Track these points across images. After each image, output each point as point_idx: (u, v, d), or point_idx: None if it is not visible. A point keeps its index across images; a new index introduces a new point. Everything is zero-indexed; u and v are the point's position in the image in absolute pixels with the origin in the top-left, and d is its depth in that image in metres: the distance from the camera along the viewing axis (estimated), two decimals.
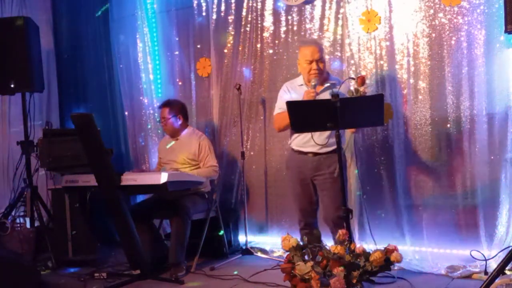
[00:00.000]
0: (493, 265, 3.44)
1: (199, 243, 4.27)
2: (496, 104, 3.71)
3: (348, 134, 3.88)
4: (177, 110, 4.50)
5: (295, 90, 3.76)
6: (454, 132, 3.87)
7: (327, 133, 3.57)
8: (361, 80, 3.43)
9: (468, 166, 3.81)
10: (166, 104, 4.51)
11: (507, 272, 3.05)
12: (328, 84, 3.68)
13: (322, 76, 3.66)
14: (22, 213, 4.59)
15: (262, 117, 4.71)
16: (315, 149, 3.63)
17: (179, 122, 4.52)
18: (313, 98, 3.46)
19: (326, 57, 4.33)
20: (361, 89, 3.41)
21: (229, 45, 4.83)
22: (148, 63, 5.21)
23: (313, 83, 3.54)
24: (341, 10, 4.27)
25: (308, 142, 3.63)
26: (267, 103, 4.67)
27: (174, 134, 4.54)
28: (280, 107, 3.76)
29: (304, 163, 3.69)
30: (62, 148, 4.48)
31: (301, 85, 3.74)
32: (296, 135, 3.71)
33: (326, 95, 3.58)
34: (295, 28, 4.51)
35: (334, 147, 3.55)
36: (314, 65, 3.60)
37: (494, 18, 3.68)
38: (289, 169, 3.86)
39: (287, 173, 3.93)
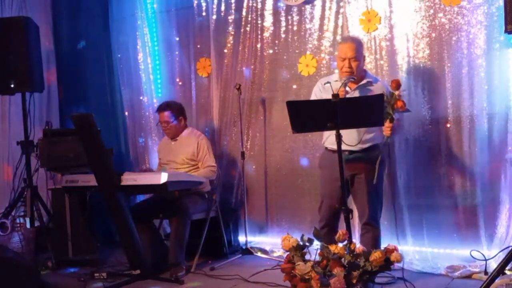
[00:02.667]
0: (493, 265, 3.44)
1: (199, 243, 4.27)
2: (496, 104, 3.72)
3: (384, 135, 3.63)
4: (177, 112, 4.49)
5: (324, 88, 3.60)
6: (454, 132, 3.87)
7: (355, 132, 3.46)
8: (396, 84, 3.33)
9: (468, 166, 3.81)
10: (165, 107, 4.48)
11: (507, 272, 3.06)
12: (363, 83, 3.56)
13: (356, 74, 3.51)
14: (22, 213, 4.58)
15: (262, 117, 4.71)
16: (349, 147, 3.46)
17: (181, 124, 4.52)
18: (343, 96, 3.31)
19: (326, 57, 4.34)
20: (396, 92, 3.32)
21: (229, 45, 4.83)
22: (148, 63, 5.21)
23: (343, 81, 3.40)
24: (341, 10, 4.27)
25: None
26: (267, 103, 4.67)
27: (176, 135, 4.54)
28: None
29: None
30: (62, 148, 4.48)
31: (336, 80, 3.58)
32: (328, 133, 3.57)
33: (357, 94, 3.52)
34: (295, 28, 4.51)
35: (370, 144, 3.51)
36: (346, 63, 3.49)
37: (494, 18, 3.69)
38: (323, 168, 3.72)
39: (321, 172, 3.78)
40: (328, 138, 3.61)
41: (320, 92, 3.65)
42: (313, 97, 3.71)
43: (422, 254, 3.92)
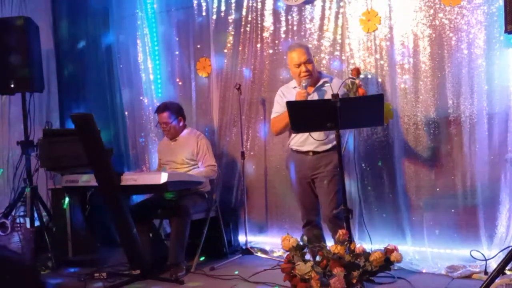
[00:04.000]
0: (493, 265, 3.44)
1: (199, 243, 4.27)
2: (496, 104, 3.71)
3: (347, 131, 3.89)
4: (176, 112, 4.49)
5: (289, 92, 3.80)
6: (454, 132, 3.87)
7: (322, 133, 3.60)
8: (356, 71, 3.44)
9: (468, 166, 3.81)
10: (164, 108, 4.48)
11: (507, 272, 3.05)
12: (320, 84, 3.72)
13: (313, 76, 3.69)
14: (22, 213, 4.59)
15: (262, 117, 4.71)
16: (313, 147, 3.66)
17: (180, 124, 4.52)
18: (305, 98, 3.52)
19: (326, 57, 4.34)
20: (357, 81, 3.41)
21: (229, 45, 4.83)
22: (148, 63, 5.21)
23: (303, 84, 3.60)
24: (341, 10, 4.27)
25: (306, 140, 3.67)
26: (267, 103, 4.67)
27: (176, 136, 4.54)
28: (276, 111, 3.83)
29: (303, 162, 3.72)
30: (62, 148, 4.48)
31: (295, 87, 3.79)
32: (294, 135, 3.74)
33: (316, 95, 3.67)
34: (295, 28, 4.51)
35: (332, 144, 3.62)
36: (302, 68, 3.65)
37: (494, 18, 3.69)
38: (289, 169, 3.87)
39: (287, 173, 3.94)
40: (293, 139, 3.77)
41: (282, 99, 3.79)
42: (275, 105, 3.87)
43: (422, 254, 3.92)
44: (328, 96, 3.48)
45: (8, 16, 5.07)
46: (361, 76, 3.58)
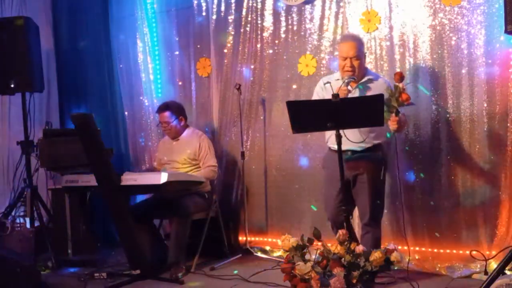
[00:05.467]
0: (493, 265, 3.44)
1: (199, 243, 4.27)
2: (496, 104, 3.72)
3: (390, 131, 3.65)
4: (177, 112, 4.49)
5: (332, 83, 3.58)
6: (454, 132, 3.87)
7: (358, 131, 3.45)
8: (399, 76, 3.30)
9: (468, 166, 3.81)
10: (165, 108, 4.48)
11: (507, 272, 3.05)
12: (364, 80, 3.56)
13: (357, 73, 3.51)
14: (22, 213, 4.58)
15: (262, 117, 4.70)
16: (352, 146, 3.47)
17: (181, 124, 4.52)
18: (345, 95, 3.33)
19: (326, 57, 4.33)
20: (400, 85, 3.29)
21: (229, 45, 4.83)
22: (148, 63, 5.21)
23: (345, 80, 3.41)
24: (341, 10, 4.27)
25: (345, 139, 3.38)
26: (267, 103, 4.67)
27: (176, 135, 4.54)
28: None
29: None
30: (62, 148, 4.48)
31: (338, 79, 3.59)
32: (330, 133, 3.53)
33: (357, 93, 3.51)
34: (295, 28, 4.51)
35: (373, 143, 3.51)
36: (348, 62, 3.48)
37: (494, 18, 3.69)
38: (326, 168, 3.72)
39: (324, 172, 3.79)
40: (330, 138, 3.60)
41: (322, 91, 3.65)
42: (315, 96, 3.71)
43: (422, 254, 3.92)
44: (370, 94, 3.41)
45: (8, 16, 5.07)
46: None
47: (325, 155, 3.79)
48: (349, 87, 3.40)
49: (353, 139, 3.36)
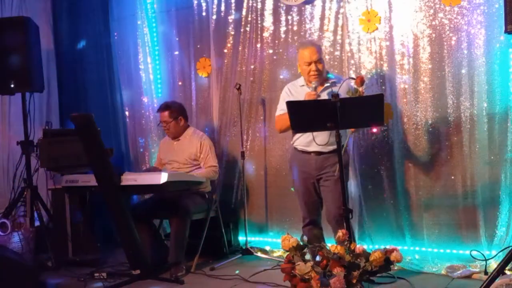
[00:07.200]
0: (493, 265, 3.43)
1: (199, 243, 4.27)
2: (496, 104, 3.72)
3: (348, 133, 3.87)
4: (177, 112, 4.49)
5: (297, 91, 3.77)
6: (454, 132, 3.87)
7: (328, 132, 3.57)
8: (360, 80, 3.44)
9: (468, 166, 3.81)
10: (165, 107, 4.49)
11: (507, 272, 3.05)
12: (328, 84, 3.70)
13: (322, 76, 3.68)
14: (22, 213, 4.59)
15: (262, 117, 4.71)
16: (318, 148, 3.64)
17: (181, 124, 4.52)
18: (315, 99, 3.49)
19: (326, 57, 4.33)
20: (360, 89, 3.43)
21: (229, 45, 4.83)
22: (148, 63, 5.21)
23: (313, 85, 3.59)
24: (341, 10, 4.27)
25: (312, 141, 3.64)
26: (267, 103, 4.67)
27: (176, 135, 4.54)
28: (281, 108, 3.77)
29: (308, 162, 3.70)
30: (62, 148, 4.48)
31: (303, 85, 3.76)
32: (298, 134, 3.72)
33: (326, 95, 3.63)
34: (295, 28, 4.51)
35: (336, 145, 3.56)
36: (313, 67, 3.63)
37: (494, 18, 3.69)
38: (293, 168, 3.86)
39: (287, 172, 3.93)
40: (298, 139, 3.75)
41: (289, 97, 3.75)
42: (281, 103, 3.81)
43: (422, 254, 3.92)
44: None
45: (8, 16, 5.07)
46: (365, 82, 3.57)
47: (291, 155, 3.90)
48: (317, 92, 3.59)
49: (319, 143, 3.56)
